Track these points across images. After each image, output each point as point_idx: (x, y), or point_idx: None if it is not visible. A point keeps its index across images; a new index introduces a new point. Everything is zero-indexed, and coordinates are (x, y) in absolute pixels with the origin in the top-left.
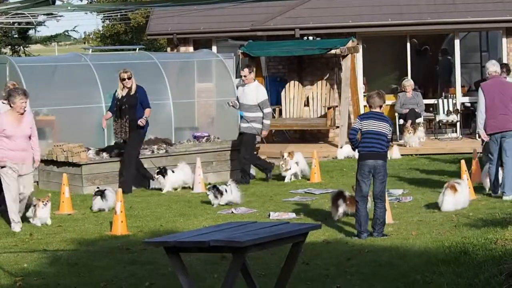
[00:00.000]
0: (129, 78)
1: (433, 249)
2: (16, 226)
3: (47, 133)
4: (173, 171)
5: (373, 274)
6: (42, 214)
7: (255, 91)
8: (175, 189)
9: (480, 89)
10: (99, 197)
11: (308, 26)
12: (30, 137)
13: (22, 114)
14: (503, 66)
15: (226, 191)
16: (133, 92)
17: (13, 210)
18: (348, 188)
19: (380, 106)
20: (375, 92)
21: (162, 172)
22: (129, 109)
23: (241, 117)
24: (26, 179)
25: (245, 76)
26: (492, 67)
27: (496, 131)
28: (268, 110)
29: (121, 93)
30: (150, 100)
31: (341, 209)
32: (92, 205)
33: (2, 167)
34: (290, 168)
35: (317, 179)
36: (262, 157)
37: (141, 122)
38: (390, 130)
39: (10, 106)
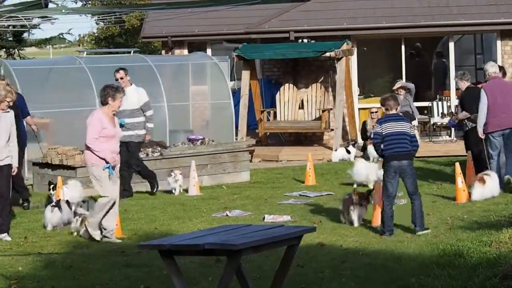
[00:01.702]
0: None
1: (427, 252)
2: (97, 235)
3: (42, 136)
4: (66, 188)
5: (368, 277)
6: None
7: (135, 94)
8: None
9: (482, 90)
10: (56, 209)
11: (302, 28)
12: None
13: (114, 114)
14: (500, 69)
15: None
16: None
17: (98, 219)
18: (345, 191)
19: (396, 108)
20: (389, 95)
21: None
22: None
23: (122, 125)
24: (118, 184)
25: (121, 78)
26: (492, 68)
27: (497, 129)
28: (151, 112)
29: None
30: None
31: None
32: (45, 220)
33: (113, 167)
34: (178, 180)
35: (312, 182)
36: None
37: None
38: (410, 128)
39: (103, 105)
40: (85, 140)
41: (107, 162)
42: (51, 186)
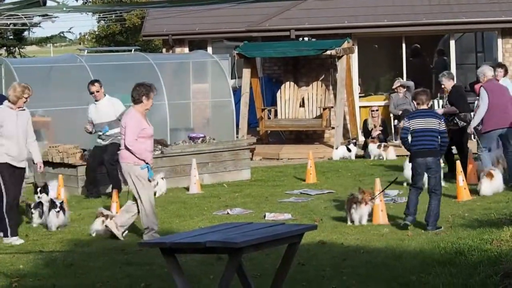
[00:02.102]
0: None
1: (428, 250)
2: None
3: (42, 134)
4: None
5: (368, 275)
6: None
7: (110, 105)
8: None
9: (483, 89)
10: (60, 213)
11: (303, 27)
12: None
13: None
14: (502, 67)
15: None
16: None
17: (155, 219)
18: (346, 190)
19: (427, 104)
20: (421, 89)
21: (46, 189)
22: None
23: (103, 133)
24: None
25: (97, 91)
26: (490, 71)
27: (494, 128)
28: None
29: None
30: None
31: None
32: (48, 222)
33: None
34: (157, 184)
35: (313, 180)
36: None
37: None
38: (439, 123)
39: (136, 103)
40: (124, 141)
41: (146, 163)
42: (38, 189)
